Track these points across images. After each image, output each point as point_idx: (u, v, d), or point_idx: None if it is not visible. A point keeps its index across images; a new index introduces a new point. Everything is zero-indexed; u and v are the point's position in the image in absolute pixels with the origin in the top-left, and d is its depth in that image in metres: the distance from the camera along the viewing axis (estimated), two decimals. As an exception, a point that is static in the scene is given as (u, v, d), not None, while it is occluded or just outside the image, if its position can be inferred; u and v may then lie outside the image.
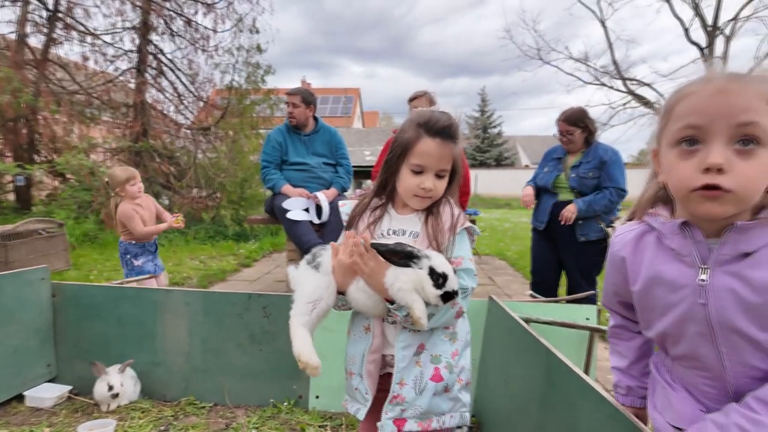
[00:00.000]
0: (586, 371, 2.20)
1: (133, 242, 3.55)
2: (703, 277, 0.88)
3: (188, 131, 9.76)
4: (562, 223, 3.36)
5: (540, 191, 3.65)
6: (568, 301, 2.73)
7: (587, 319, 2.34)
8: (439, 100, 3.68)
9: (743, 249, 0.84)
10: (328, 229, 3.89)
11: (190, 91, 9.96)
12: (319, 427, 2.26)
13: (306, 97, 4.09)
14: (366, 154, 15.27)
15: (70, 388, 2.56)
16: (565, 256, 3.54)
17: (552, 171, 3.57)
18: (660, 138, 0.93)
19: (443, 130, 1.24)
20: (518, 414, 1.80)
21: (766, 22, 10.63)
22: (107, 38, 9.17)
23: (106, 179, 3.62)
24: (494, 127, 36.33)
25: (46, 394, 2.46)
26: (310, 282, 1.29)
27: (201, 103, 10.05)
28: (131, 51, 9.28)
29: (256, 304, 2.53)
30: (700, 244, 0.89)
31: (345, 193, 4.29)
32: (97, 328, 2.61)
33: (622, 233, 1.06)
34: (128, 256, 3.55)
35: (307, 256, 1.35)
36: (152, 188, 9.15)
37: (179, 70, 9.78)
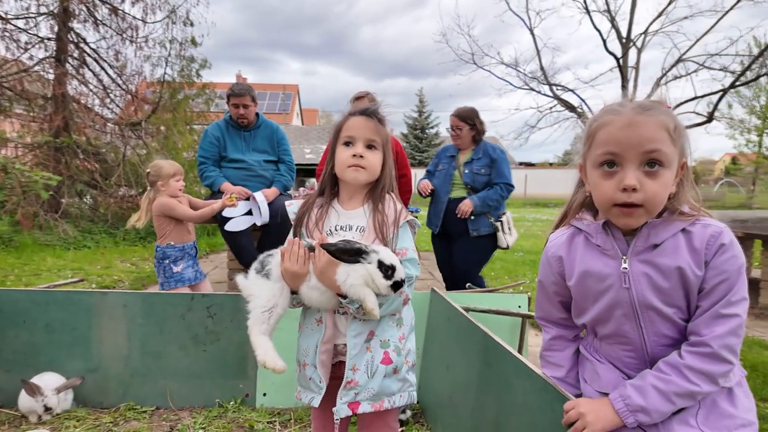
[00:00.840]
0: (519, 352, 2.39)
1: (172, 244, 3.21)
2: (625, 265, 1.07)
3: (115, 126, 9.18)
4: (458, 215, 3.54)
5: (433, 192, 3.80)
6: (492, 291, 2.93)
7: (519, 306, 2.54)
8: (380, 100, 3.75)
9: (653, 241, 1.05)
10: (268, 231, 3.82)
11: (118, 84, 9.38)
12: (268, 423, 2.28)
13: (253, 95, 3.99)
14: (306, 152, 15.14)
15: (-9, 401, 2.38)
16: (456, 248, 3.71)
17: (447, 168, 3.76)
18: (585, 157, 1.12)
19: (365, 110, 1.43)
20: (459, 395, 1.93)
21: (672, 37, 11.77)
22: (20, 23, 8.42)
23: (148, 170, 3.24)
24: (432, 127, 37.20)
25: (-35, 408, 2.28)
26: (263, 291, 1.33)
27: (130, 97, 9.50)
28: (49, 39, 8.58)
29: (199, 305, 2.50)
30: (619, 240, 1.10)
31: (288, 192, 4.23)
32: (22, 336, 2.45)
33: (555, 237, 1.23)
34: (167, 262, 3.20)
35: (255, 265, 1.38)
36: (75, 187, 8.54)
37: (104, 61, 9.18)
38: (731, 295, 0.99)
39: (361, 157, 1.37)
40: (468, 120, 3.63)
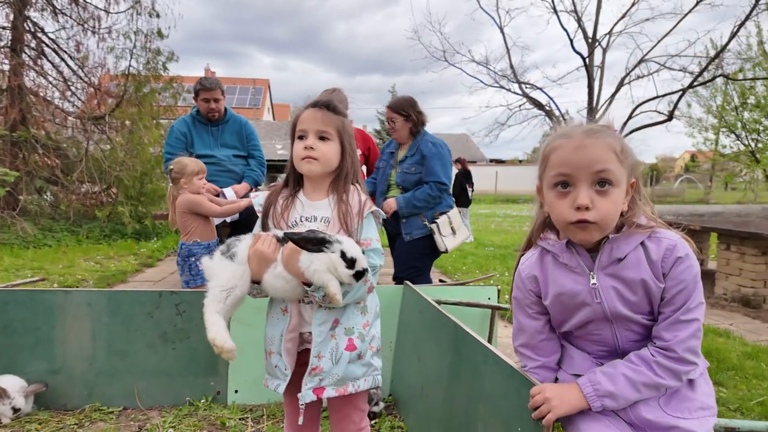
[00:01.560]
0: (489, 342, 2.45)
1: (198, 241, 3.12)
2: (594, 281, 1.13)
3: (77, 120, 8.84)
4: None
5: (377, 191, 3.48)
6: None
7: (489, 298, 2.60)
8: (353, 96, 3.70)
9: (616, 255, 1.12)
10: (238, 228, 3.75)
11: (79, 77, 9.01)
12: (240, 420, 2.26)
13: (223, 88, 3.94)
14: (278, 147, 14.95)
15: (-55, 406, 2.27)
16: (395, 252, 3.47)
17: (385, 166, 3.43)
18: (541, 179, 1.18)
19: (317, 102, 1.44)
20: (430, 385, 1.97)
21: (635, 38, 12.18)
22: (-29, 11, 8.00)
23: (172, 167, 3.21)
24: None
25: None
26: (225, 271, 1.35)
27: (92, 90, 9.15)
28: (3, 27, 8.17)
29: (167, 302, 2.45)
30: (584, 257, 1.17)
31: (260, 187, 4.19)
32: (-22, 338, 2.34)
33: (526, 259, 1.29)
34: (192, 259, 3.10)
35: (222, 247, 1.41)
36: (34, 183, 8.20)
37: (64, 51, 8.81)
38: (690, 303, 1.08)
39: (312, 148, 1.39)
40: (401, 111, 3.23)
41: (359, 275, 1.27)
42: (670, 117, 11.56)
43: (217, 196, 3.71)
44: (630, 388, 1.07)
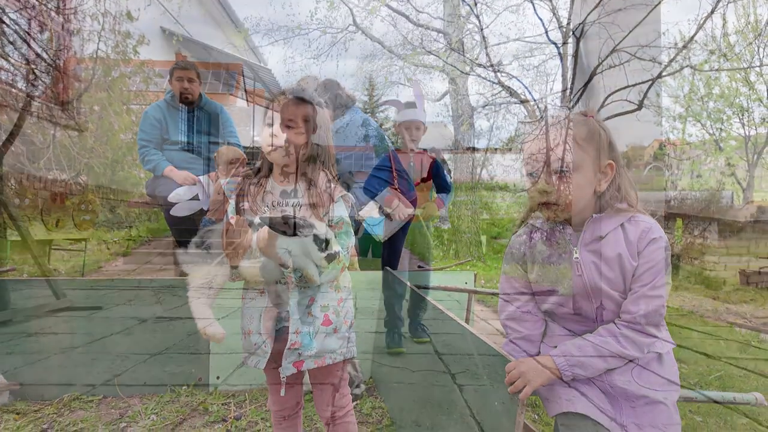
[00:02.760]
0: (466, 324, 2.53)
1: (212, 219, 3.14)
2: (576, 255, 1.25)
3: (42, 105, 8.49)
4: None
5: None
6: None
7: (466, 283, 2.68)
8: (313, 80, 3.58)
9: (598, 234, 1.24)
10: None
11: (42, 59, 8.65)
12: (222, 404, 2.29)
13: (198, 71, 3.88)
14: (253, 134, 14.69)
15: None
16: None
17: None
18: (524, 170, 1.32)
19: (284, 91, 1.49)
20: (410, 366, 2.03)
21: (607, 28, 12.40)
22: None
23: (215, 155, 3.34)
24: (382, 111, 37.21)
25: None
26: (203, 263, 1.39)
27: (57, 74, 8.79)
28: (-41, 6, 7.76)
29: (146, 290, 2.44)
30: (569, 234, 1.27)
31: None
32: (-51, 329, 2.30)
33: (518, 236, 1.41)
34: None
35: (195, 239, 1.44)
36: (-3, 170, 7.88)
37: (26, 32, 8.42)
38: (656, 281, 1.19)
39: (275, 136, 1.43)
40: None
41: (331, 258, 1.34)
42: (640, 106, 11.88)
43: (194, 184, 3.67)
44: (597, 358, 1.18)
